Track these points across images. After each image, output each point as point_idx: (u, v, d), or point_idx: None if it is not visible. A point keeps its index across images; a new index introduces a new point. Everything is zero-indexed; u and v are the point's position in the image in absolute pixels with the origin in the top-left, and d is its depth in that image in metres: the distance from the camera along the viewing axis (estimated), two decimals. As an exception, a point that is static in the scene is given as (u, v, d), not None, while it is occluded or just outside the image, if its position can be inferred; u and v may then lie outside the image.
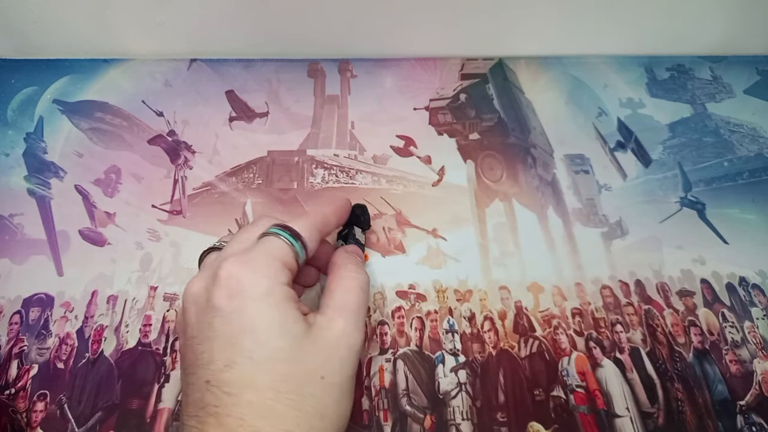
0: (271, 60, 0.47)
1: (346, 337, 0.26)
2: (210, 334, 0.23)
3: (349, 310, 0.27)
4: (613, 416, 0.31)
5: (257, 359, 0.23)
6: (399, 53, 0.47)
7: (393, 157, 0.42)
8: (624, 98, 0.46)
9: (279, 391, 0.23)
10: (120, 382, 0.32)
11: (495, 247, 0.38)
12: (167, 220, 0.38)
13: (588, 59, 0.48)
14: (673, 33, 0.47)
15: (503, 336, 0.34)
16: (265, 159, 0.42)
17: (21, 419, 0.30)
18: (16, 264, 0.36)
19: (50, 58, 0.46)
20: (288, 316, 0.24)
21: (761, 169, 0.42)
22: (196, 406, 0.23)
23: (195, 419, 0.23)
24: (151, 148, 0.42)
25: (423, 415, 0.31)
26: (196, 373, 0.23)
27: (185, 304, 0.26)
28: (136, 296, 0.35)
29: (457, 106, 0.45)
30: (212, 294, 0.24)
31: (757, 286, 0.36)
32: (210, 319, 0.24)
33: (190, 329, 0.25)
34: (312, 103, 0.45)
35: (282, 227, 0.27)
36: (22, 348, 0.33)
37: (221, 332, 0.23)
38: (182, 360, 0.25)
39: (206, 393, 0.23)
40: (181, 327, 0.26)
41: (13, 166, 0.40)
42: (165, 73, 0.46)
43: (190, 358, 0.24)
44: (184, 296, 0.26)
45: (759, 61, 0.48)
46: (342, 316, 0.26)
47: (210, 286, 0.24)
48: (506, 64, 0.48)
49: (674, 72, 0.48)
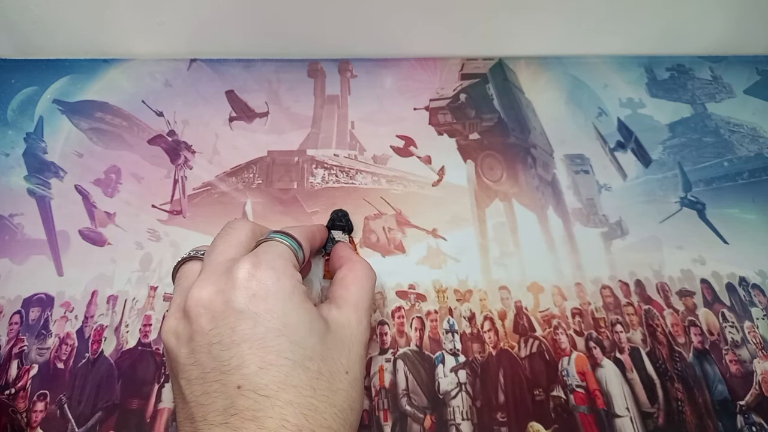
0: (271, 60, 0.47)
1: (359, 334, 0.26)
2: (236, 338, 0.23)
3: (362, 306, 0.27)
4: (613, 416, 0.31)
5: (295, 359, 0.23)
6: (399, 53, 0.47)
7: (393, 157, 0.42)
8: (624, 98, 0.46)
9: (315, 388, 0.23)
10: (120, 382, 0.32)
11: (495, 247, 0.38)
12: (167, 220, 0.38)
13: (588, 59, 0.48)
14: (673, 33, 0.47)
15: (503, 336, 0.34)
16: (265, 159, 0.42)
17: (21, 419, 0.30)
18: (16, 264, 0.36)
19: (50, 58, 0.46)
20: (312, 313, 0.25)
21: (761, 169, 0.42)
22: (225, 413, 0.22)
23: (224, 426, 0.22)
24: (151, 148, 0.42)
25: (423, 415, 0.31)
26: (221, 380, 0.22)
27: (190, 311, 0.24)
28: (136, 296, 0.35)
29: (457, 106, 0.45)
30: (231, 297, 0.23)
31: (757, 286, 0.36)
32: (232, 323, 0.23)
33: (205, 337, 0.23)
34: (312, 103, 0.45)
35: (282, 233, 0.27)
36: (22, 348, 0.33)
37: (250, 335, 0.23)
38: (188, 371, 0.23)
39: (239, 398, 0.22)
40: (185, 336, 0.24)
41: (13, 166, 0.40)
42: (165, 73, 0.46)
43: (211, 365, 0.23)
44: (187, 304, 0.24)
45: (759, 61, 0.48)
46: (356, 311, 0.27)
47: (225, 289, 0.24)
48: (506, 64, 0.48)
49: (674, 72, 0.48)
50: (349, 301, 0.27)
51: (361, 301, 0.28)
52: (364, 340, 0.27)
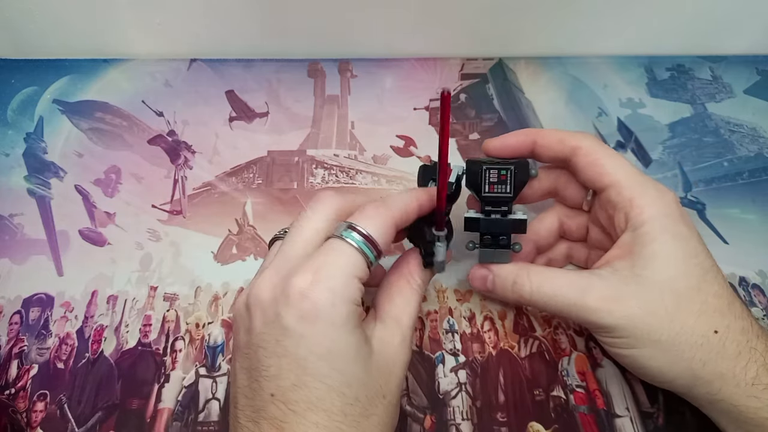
0: (271, 60, 0.47)
1: (402, 355, 0.26)
2: (278, 351, 0.23)
3: (407, 325, 0.26)
4: (613, 416, 0.31)
5: (332, 384, 0.22)
6: (399, 53, 0.47)
7: (393, 157, 0.42)
8: (624, 98, 0.46)
9: (347, 414, 0.22)
10: (120, 382, 0.32)
11: (495, 247, 0.38)
12: (167, 220, 0.38)
13: (588, 59, 0.48)
14: (673, 33, 0.47)
15: (503, 336, 0.34)
16: (265, 159, 0.42)
17: (21, 419, 0.30)
18: (16, 264, 0.36)
19: (50, 58, 0.46)
20: (361, 339, 0.24)
21: (761, 169, 0.42)
22: (257, 412, 0.23)
23: (254, 423, 0.23)
24: (151, 148, 0.42)
25: (423, 415, 0.31)
26: (260, 382, 0.23)
27: (251, 306, 0.24)
28: (136, 296, 0.35)
29: (457, 106, 0.45)
30: (281, 311, 0.23)
31: (757, 286, 0.36)
32: (278, 335, 0.23)
33: (256, 337, 0.24)
34: (312, 103, 0.45)
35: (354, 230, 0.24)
36: (22, 348, 0.33)
37: (291, 352, 0.22)
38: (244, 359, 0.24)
39: (270, 405, 0.22)
40: (245, 325, 0.24)
41: (13, 166, 0.40)
42: (165, 73, 0.46)
43: (255, 365, 0.23)
44: (249, 297, 0.24)
45: (759, 61, 0.48)
46: (401, 330, 0.26)
47: (279, 300, 0.23)
48: (506, 64, 0.48)
49: (674, 72, 0.48)
50: (393, 316, 0.26)
51: (408, 318, 0.26)
52: (406, 361, 0.26)
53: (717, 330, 0.25)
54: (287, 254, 0.25)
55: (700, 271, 0.27)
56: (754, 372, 0.25)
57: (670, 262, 0.26)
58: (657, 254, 0.26)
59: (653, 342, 0.26)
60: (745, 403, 0.25)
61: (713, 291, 0.26)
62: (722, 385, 0.25)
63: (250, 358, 0.24)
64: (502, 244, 0.29)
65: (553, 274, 0.29)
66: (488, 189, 0.27)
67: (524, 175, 0.28)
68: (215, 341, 0.33)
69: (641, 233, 0.27)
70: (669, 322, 0.26)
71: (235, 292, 0.35)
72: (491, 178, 0.27)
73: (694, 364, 0.25)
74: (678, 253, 0.27)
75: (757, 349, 0.25)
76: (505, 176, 0.27)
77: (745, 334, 0.26)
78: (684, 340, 0.26)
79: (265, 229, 0.38)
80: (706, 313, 0.26)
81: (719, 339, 0.25)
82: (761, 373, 0.25)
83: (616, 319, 0.26)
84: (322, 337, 0.22)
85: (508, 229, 0.28)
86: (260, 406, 0.23)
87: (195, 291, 0.35)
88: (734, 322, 0.26)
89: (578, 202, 0.32)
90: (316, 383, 0.22)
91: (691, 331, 0.26)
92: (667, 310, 0.26)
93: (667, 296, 0.26)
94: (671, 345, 0.26)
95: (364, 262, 0.24)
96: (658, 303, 0.26)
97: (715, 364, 0.25)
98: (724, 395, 0.25)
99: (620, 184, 0.28)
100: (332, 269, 0.23)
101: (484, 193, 0.27)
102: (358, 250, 0.24)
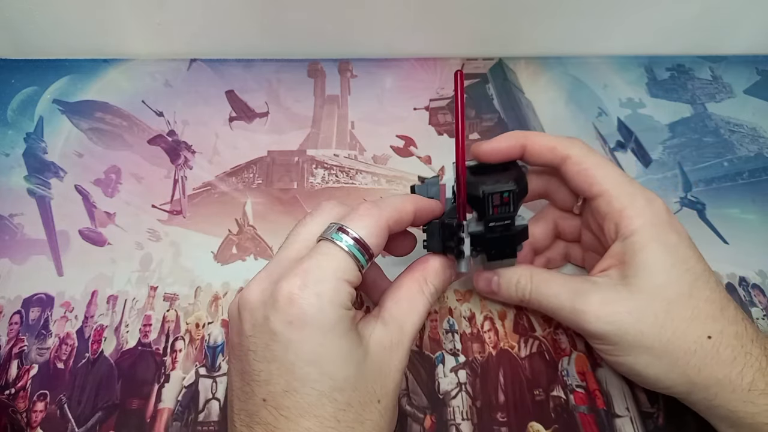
0: (271, 60, 0.47)
1: (398, 361, 0.25)
2: (267, 356, 0.22)
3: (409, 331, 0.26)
4: (613, 416, 0.31)
5: (322, 390, 0.22)
6: (399, 53, 0.47)
7: (393, 157, 0.42)
8: (624, 98, 0.46)
9: (340, 420, 0.22)
10: (120, 382, 0.32)
11: (495, 247, 0.38)
12: (167, 220, 0.38)
13: (588, 59, 0.48)
14: (673, 33, 0.47)
15: (503, 336, 0.34)
16: (265, 159, 0.42)
17: (21, 419, 0.30)
18: (16, 264, 0.36)
19: (50, 58, 0.46)
20: (353, 343, 0.23)
21: (761, 169, 0.42)
22: (251, 416, 0.23)
23: (248, 429, 0.23)
24: (151, 148, 0.42)
25: (423, 415, 0.31)
26: (252, 386, 0.23)
27: (241, 309, 0.24)
28: (136, 296, 0.35)
29: (457, 106, 0.45)
30: (270, 315, 0.22)
31: (757, 286, 0.36)
32: (267, 340, 0.23)
33: (246, 340, 0.23)
34: (312, 103, 0.45)
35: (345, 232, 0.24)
36: (22, 348, 0.33)
37: (279, 357, 0.22)
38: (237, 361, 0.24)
39: (263, 410, 0.22)
40: (237, 327, 0.24)
41: (13, 166, 0.40)
42: (165, 73, 0.46)
43: (246, 368, 0.23)
44: (240, 299, 0.24)
45: (759, 61, 0.48)
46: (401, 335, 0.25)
47: (268, 304, 0.23)
48: (506, 64, 0.48)
49: (674, 72, 0.48)
50: (396, 318, 0.26)
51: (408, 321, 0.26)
52: (402, 367, 0.25)
53: (710, 335, 0.25)
54: (280, 258, 0.25)
55: (691, 277, 0.27)
56: (750, 377, 0.25)
57: (660, 271, 0.27)
58: (646, 263, 0.27)
59: (646, 349, 0.26)
60: (742, 408, 0.25)
61: (705, 296, 0.26)
62: (719, 391, 0.25)
63: (241, 361, 0.24)
64: (508, 254, 0.29)
65: (552, 277, 0.30)
66: (492, 212, 0.27)
67: (525, 191, 0.29)
68: (215, 341, 0.33)
69: (630, 242, 0.27)
70: (659, 329, 0.26)
71: (235, 292, 0.35)
72: (494, 201, 0.27)
73: (690, 370, 0.25)
74: (667, 260, 0.27)
75: (753, 354, 0.25)
76: (508, 198, 0.27)
77: (740, 338, 0.26)
78: (677, 346, 0.26)
79: (265, 229, 0.38)
80: (698, 318, 0.26)
81: (713, 344, 0.25)
82: (757, 378, 0.25)
83: (605, 324, 0.26)
84: (310, 342, 0.22)
85: (514, 242, 0.29)
86: (254, 411, 0.23)
87: (195, 291, 0.35)
88: (728, 327, 0.26)
89: (569, 206, 0.33)
90: (306, 389, 0.22)
91: (684, 338, 0.26)
92: (657, 317, 0.26)
93: (657, 303, 0.26)
94: (664, 352, 0.26)
95: (354, 266, 0.24)
96: (648, 310, 0.26)
97: (711, 370, 0.25)
98: (721, 401, 0.25)
99: (609, 194, 0.28)
100: (321, 273, 0.23)
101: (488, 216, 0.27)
102: (348, 254, 0.24)
